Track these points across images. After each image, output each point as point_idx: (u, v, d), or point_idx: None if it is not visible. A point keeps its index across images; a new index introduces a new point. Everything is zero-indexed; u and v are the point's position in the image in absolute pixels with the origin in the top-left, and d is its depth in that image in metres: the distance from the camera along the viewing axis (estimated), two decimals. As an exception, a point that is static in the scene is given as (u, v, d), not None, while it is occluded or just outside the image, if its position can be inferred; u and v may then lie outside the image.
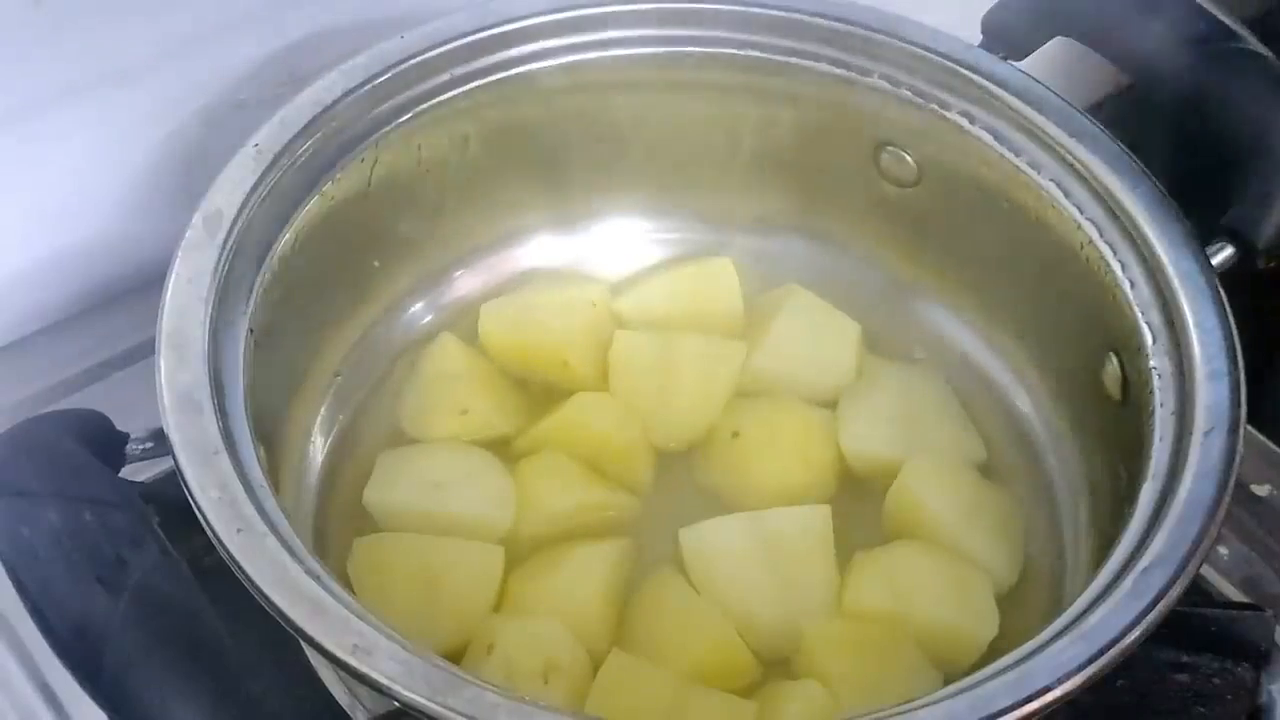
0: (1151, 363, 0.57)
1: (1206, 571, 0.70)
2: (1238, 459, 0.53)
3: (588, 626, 0.60)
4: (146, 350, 0.54)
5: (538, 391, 0.69)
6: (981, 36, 0.68)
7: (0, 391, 0.71)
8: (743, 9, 0.67)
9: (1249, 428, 0.54)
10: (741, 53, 0.68)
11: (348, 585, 0.60)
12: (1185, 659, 0.61)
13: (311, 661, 0.59)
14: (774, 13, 0.67)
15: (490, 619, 0.60)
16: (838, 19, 0.67)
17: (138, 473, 0.55)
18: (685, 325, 0.71)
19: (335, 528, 0.64)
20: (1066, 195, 0.63)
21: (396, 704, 0.47)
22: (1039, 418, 0.68)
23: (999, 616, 0.61)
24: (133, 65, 0.68)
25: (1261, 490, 0.71)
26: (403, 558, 0.61)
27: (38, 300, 0.73)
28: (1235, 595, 0.69)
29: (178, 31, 0.68)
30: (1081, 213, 0.62)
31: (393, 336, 0.70)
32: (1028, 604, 0.62)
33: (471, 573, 0.62)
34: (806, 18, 0.67)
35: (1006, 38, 0.67)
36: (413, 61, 0.64)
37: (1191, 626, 0.62)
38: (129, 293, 0.73)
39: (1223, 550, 0.70)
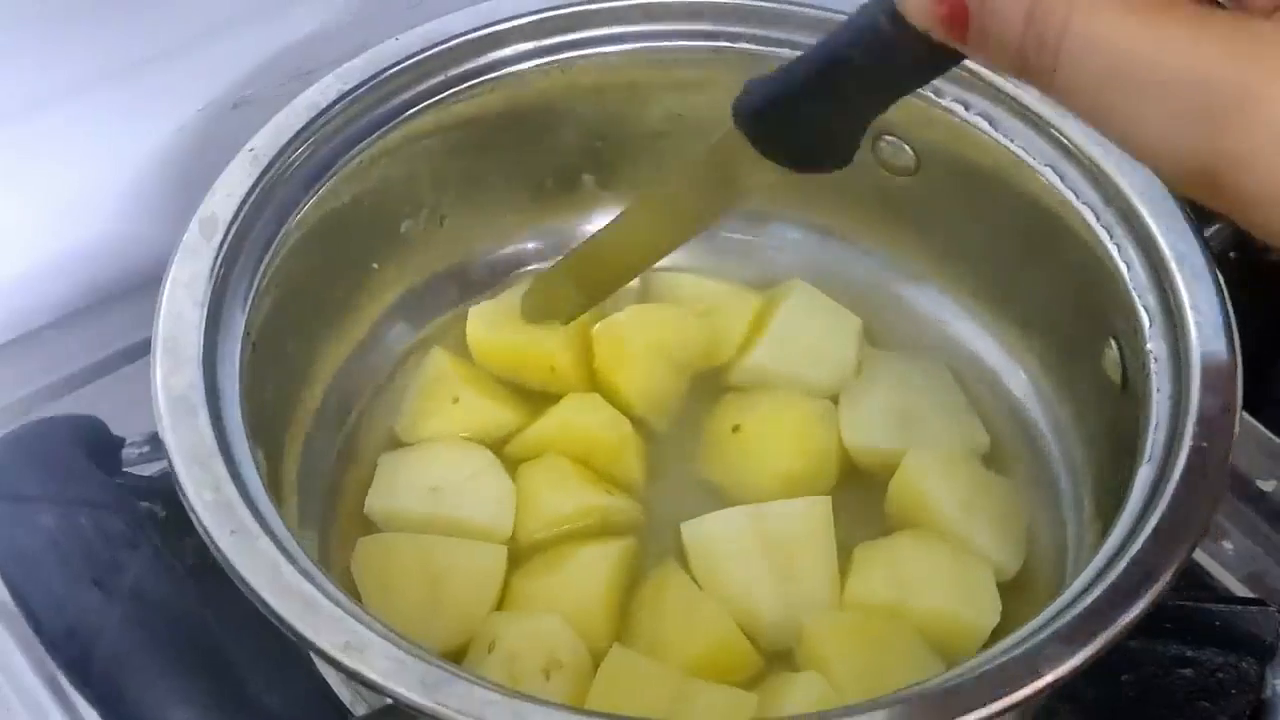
0: (1148, 346, 0.57)
1: (1211, 566, 0.69)
2: (1233, 441, 0.52)
3: (588, 623, 0.60)
4: (143, 351, 0.54)
5: (532, 395, 0.69)
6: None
7: (-3, 391, 0.72)
8: (735, 1, 0.67)
9: (1255, 424, 0.54)
10: (735, 45, 0.68)
11: (351, 585, 0.60)
12: (1189, 654, 0.61)
13: (315, 661, 0.60)
14: (766, 4, 0.67)
15: (491, 617, 0.60)
16: (832, 9, 0.66)
17: (133, 476, 0.55)
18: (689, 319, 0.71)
19: (340, 531, 0.65)
20: (1062, 179, 0.62)
21: (389, 700, 0.47)
22: (1041, 406, 0.68)
23: (1001, 606, 0.60)
24: (134, 64, 0.68)
25: (1267, 485, 0.71)
26: (405, 557, 0.62)
27: (35, 300, 0.73)
28: (1240, 590, 0.68)
29: (181, 29, 0.69)
30: (1078, 197, 0.62)
31: (392, 339, 0.71)
32: (1030, 593, 0.62)
33: (474, 572, 0.62)
34: (799, 9, 0.67)
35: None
36: (408, 63, 0.65)
37: (1196, 621, 0.62)
38: (127, 293, 0.73)
39: (1227, 545, 0.70)
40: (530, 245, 0.74)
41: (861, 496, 0.65)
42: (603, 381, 0.68)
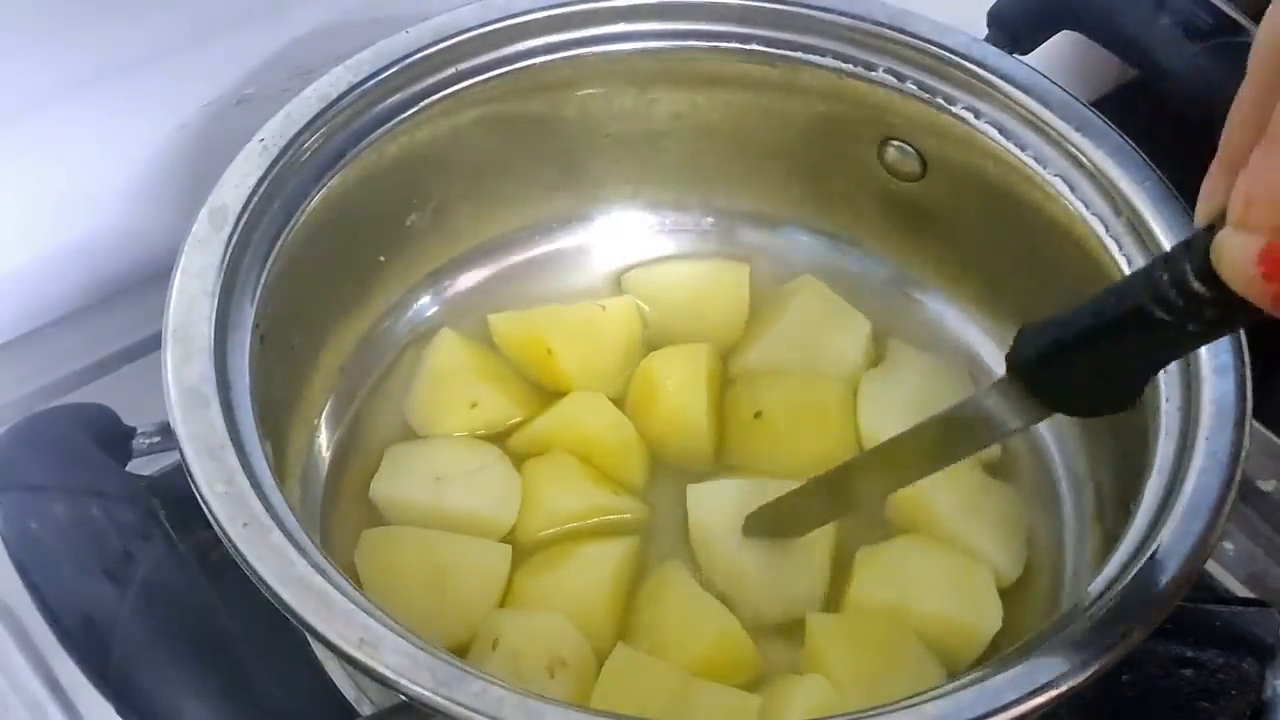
0: (1157, 357, 0.57)
1: (1212, 567, 0.70)
2: (1243, 454, 0.53)
3: (592, 621, 0.60)
4: (154, 344, 0.54)
5: (540, 390, 0.69)
6: (987, 30, 0.68)
7: (8, 386, 0.71)
8: (747, 2, 0.67)
9: (1256, 424, 0.54)
10: (746, 46, 0.68)
11: (354, 577, 0.60)
12: (1190, 654, 0.61)
13: (317, 655, 0.60)
14: (778, 6, 0.67)
15: (495, 614, 0.60)
16: (843, 13, 0.66)
17: (145, 466, 0.55)
18: (687, 315, 0.72)
19: (342, 521, 0.65)
20: (1072, 190, 0.63)
21: (403, 697, 0.47)
22: (1044, 413, 0.69)
23: (1002, 611, 0.61)
24: (139, 60, 0.68)
25: (1268, 486, 0.72)
26: (410, 551, 0.62)
27: (45, 294, 0.73)
28: (1241, 591, 0.69)
29: (184, 26, 0.68)
30: (1087, 208, 0.62)
31: (398, 330, 0.71)
32: (1031, 598, 0.63)
33: (478, 568, 0.62)
34: (811, 11, 0.67)
35: (1012, 31, 0.67)
36: (418, 56, 0.64)
37: (1197, 622, 0.62)
38: (136, 287, 0.73)
39: (1229, 546, 0.71)
40: (535, 238, 0.74)
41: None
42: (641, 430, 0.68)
